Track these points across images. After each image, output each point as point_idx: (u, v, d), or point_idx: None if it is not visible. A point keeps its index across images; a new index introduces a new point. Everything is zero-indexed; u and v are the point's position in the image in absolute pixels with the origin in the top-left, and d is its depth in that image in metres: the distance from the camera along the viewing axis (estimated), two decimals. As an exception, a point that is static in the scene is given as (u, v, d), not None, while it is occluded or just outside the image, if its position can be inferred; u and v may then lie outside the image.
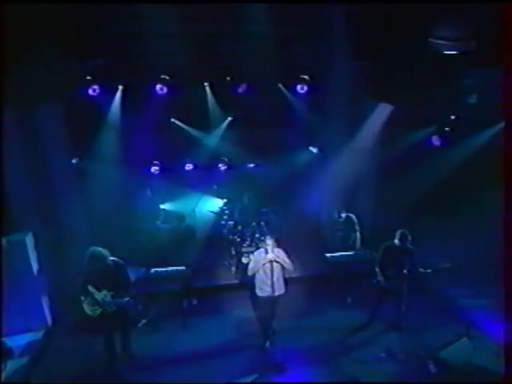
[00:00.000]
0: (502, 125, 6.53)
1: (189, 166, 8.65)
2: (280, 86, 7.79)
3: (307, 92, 7.91)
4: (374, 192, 7.60)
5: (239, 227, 7.52)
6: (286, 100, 8.06)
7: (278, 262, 5.31)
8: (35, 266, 6.01)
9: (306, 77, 7.97)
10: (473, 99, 6.84)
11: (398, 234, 5.52)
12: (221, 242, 7.88)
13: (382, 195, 7.45)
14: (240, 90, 7.77)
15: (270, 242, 5.29)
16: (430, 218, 6.85)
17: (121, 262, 5.01)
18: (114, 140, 7.63)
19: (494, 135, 6.90)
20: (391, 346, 5.53)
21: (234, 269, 7.51)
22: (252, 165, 9.14)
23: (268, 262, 5.27)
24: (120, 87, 7.14)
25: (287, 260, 5.41)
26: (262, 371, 5.17)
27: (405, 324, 5.86)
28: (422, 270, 5.58)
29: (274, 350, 5.45)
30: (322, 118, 7.90)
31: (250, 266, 5.46)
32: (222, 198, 8.50)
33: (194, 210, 7.93)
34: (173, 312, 6.27)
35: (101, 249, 4.85)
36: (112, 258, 4.94)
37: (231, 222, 7.64)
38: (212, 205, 8.51)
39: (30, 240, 5.95)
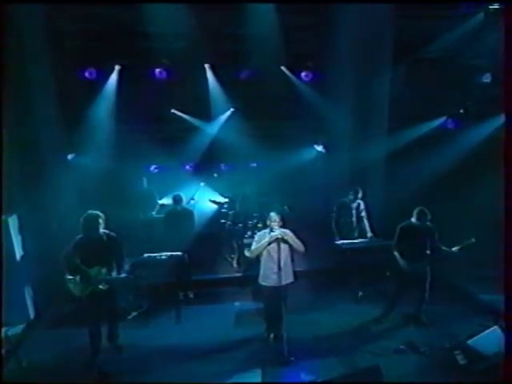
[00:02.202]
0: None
1: (189, 165, 8.37)
2: (284, 68, 7.52)
3: (312, 79, 7.71)
4: (385, 178, 7.16)
5: (241, 218, 7.04)
6: (290, 87, 7.79)
7: (285, 241, 4.65)
8: (19, 252, 5.53)
9: (310, 64, 7.77)
10: (487, 78, 6.48)
11: (415, 211, 5.00)
12: (221, 233, 7.39)
13: (393, 181, 6.99)
14: (242, 76, 7.56)
15: (276, 217, 4.63)
16: (443, 202, 6.33)
17: (114, 235, 4.51)
18: (108, 127, 7.31)
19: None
20: (412, 338, 4.91)
21: (235, 263, 6.99)
22: (255, 164, 8.85)
23: (274, 242, 4.61)
24: (116, 67, 6.87)
25: (296, 239, 4.73)
26: (265, 365, 4.56)
27: (425, 316, 5.28)
28: (445, 248, 4.99)
29: (278, 343, 4.82)
30: (328, 106, 7.57)
31: (254, 247, 4.79)
32: (223, 191, 8.09)
33: (193, 198, 7.45)
34: (167, 303, 5.72)
35: (98, 212, 4.39)
36: (105, 231, 4.46)
37: (232, 212, 7.15)
38: (212, 195, 8.06)
39: (14, 222, 5.50)
